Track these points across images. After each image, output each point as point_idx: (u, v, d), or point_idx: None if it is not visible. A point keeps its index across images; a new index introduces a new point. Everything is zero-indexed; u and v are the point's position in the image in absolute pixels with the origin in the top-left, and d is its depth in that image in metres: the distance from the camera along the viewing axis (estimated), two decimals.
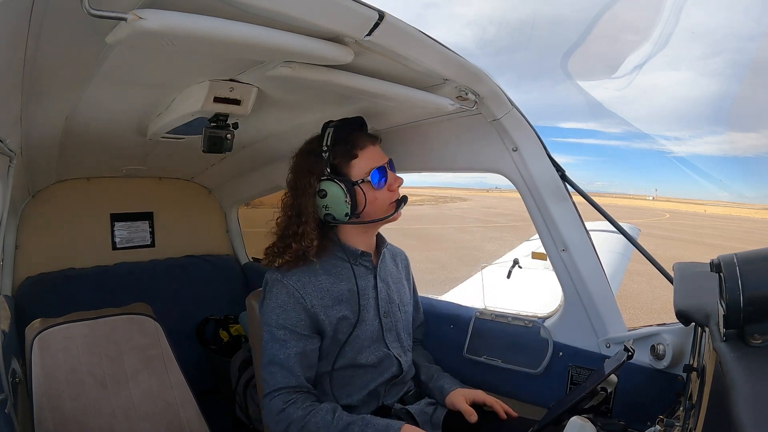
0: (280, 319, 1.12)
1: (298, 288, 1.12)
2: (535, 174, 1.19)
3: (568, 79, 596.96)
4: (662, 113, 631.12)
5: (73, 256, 1.93)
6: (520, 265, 1.85)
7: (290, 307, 1.12)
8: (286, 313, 1.12)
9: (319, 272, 1.15)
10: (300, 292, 1.12)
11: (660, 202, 69.35)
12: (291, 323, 1.11)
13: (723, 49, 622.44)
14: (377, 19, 0.73)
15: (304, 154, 1.18)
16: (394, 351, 1.22)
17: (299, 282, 1.13)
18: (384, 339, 1.22)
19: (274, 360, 1.11)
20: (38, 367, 1.32)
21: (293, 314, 1.11)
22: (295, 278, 1.13)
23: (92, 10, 0.54)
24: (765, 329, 0.57)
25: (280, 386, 1.10)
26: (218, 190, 2.34)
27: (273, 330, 1.12)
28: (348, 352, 1.16)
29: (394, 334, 1.24)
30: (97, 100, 1.07)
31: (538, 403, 1.30)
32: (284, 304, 1.12)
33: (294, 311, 1.11)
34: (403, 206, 1.20)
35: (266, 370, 1.13)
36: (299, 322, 1.12)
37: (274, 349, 1.12)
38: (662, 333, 1.13)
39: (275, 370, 1.11)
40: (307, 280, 1.14)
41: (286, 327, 1.11)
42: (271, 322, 1.13)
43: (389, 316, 1.23)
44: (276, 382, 1.11)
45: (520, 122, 1.17)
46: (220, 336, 2.08)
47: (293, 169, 1.19)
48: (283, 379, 1.10)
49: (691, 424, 0.72)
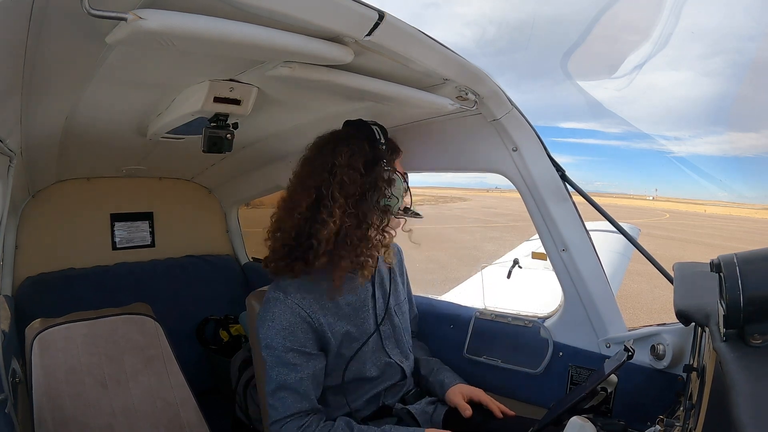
0: (287, 342, 1.04)
1: (303, 306, 1.06)
2: (535, 174, 1.19)
3: (568, 79, 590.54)
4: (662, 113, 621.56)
5: (73, 256, 1.93)
6: (520, 265, 1.85)
7: (297, 328, 1.05)
8: (294, 335, 1.05)
9: (321, 287, 1.09)
10: (306, 311, 1.06)
11: (660, 202, 69.36)
12: (299, 344, 1.05)
13: (723, 49, 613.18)
14: (377, 19, 0.73)
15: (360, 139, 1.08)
16: (395, 358, 1.21)
17: (304, 300, 1.07)
18: (384, 348, 1.20)
19: (284, 385, 1.04)
20: (38, 367, 1.32)
21: (301, 335, 1.05)
22: (299, 296, 1.07)
23: (92, 10, 0.54)
24: (765, 329, 0.57)
25: (293, 412, 1.04)
26: (218, 190, 2.34)
27: (280, 354, 1.04)
28: (353, 367, 1.13)
29: (393, 341, 1.22)
30: (97, 100, 1.07)
31: (538, 403, 1.30)
32: (290, 326, 1.05)
33: (301, 331, 1.05)
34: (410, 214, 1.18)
35: (275, 396, 1.05)
36: (307, 341, 1.06)
37: (283, 373, 1.04)
38: (662, 333, 1.13)
39: (286, 395, 1.04)
40: (312, 298, 1.08)
41: (295, 349, 1.05)
42: (277, 346, 1.05)
43: (387, 324, 1.21)
44: (287, 408, 1.04)
45: (520, 122, 1.17)
46: (220, 336, 2.07)
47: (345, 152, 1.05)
48: (296, 404, 1.04)
49: (691, 424, 0.72)
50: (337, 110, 1.26)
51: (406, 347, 1.26)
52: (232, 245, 2.43)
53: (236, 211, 2.39)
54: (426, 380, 1.31)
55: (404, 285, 1.36)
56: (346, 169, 1.04)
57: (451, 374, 1.30)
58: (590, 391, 0.97)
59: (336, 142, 1.08)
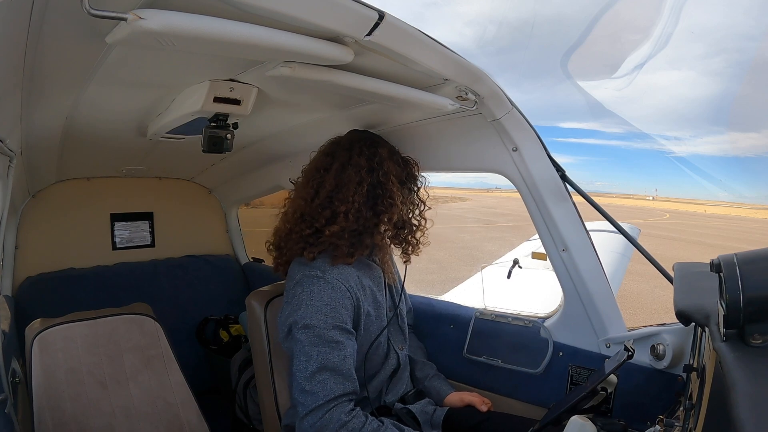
0: (329, 318, 1.02)
1: (342, 281, 1.08)
2: (535, 174, 1.19)
3: (569, 79, 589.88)
4: (662, 113, 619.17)
5: (73, 256, 1.93)
6: (520, 265, 1.85)
7: (339, 303, 1.04)
8: (336, 311, 1.03)
9: (352, 266, 1.14)
10: (345, 285, 1.07)
11: (660, 202, 69.37)
12: (341, 320, 1.04)
13: (723, 49, 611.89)
14: (377, 19, 0.73)
15: (393, 152, 1.22)
16: (395, 345, 1.25)
17: (341, 275, 1.08)
18: (388, 335, 1.23)
19: (326, 365, 1.00)
20: (38, 367, 1.32)
21: (343, 311, 1.04)
22: (336, 272, 1.08)
23: (92, 10, 0.54)
24: (765, 329, 0.57)
25: (337, 394, 0.99)
26: (218, 190, 2.34)
27: (322, 332, 1.01)
28: (371, 353, 1.16)
29: (397, 326, 1.26)
30: (97, 100, 1.07)
31: (538, 403, 1.30)
32: (332, 302, 1.04)
33: (343, 307, 1.05)
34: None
35: (314, 380, 1.00)
36: (348, 318, 1.06)
37: (324, 352, 1.00)
38: (662, 333, 1.13)
39: (326, 377, 1.00)
40: (348, 273, 1.10)
41: (337, 326, 1.03)
42: (319, 324, 1.02)
43: (393, 310, 1.25)
44: (329, 390, 0.99)
45: (520, 122, 1.17)
46: (220, 336, 2.07)
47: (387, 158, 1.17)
48: (338, 386, 1.00)
49: (691, 424, 0.72)
50: (337, 111, 1.26)
51: (405, 335, 1.31)
52: (232, 245, 2.43)
53: (236, 211, 2.39)
54: (420, 382, 1.34)
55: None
56: (387, 162, 1.16)
57: (445, 383, 1.35)
58: (590, 391, 0.97)
59: (361, 142, 1.18)
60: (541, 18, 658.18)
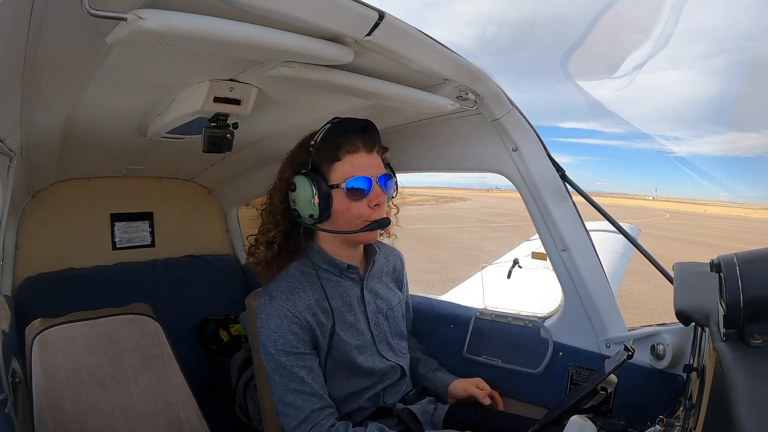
0: (278, 344, 1.05)
1: (288, 307, 1.07)
2: (535, 174, 1.19)
3: (569, 79, 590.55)
4: (662, 113, 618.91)
5: (73, 256, 1.93)
6: (520, 265, 1.85)
7: (286, 329, 1.06)
8: (284, 337, 1.05)
9: (305, 286, 1.11)
10: (292, 311, 1.07)
11: (660, 202, 69.36)
12: (291, 346, 1.06)
13: (723, 49, 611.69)
14: (377, 18, 0.73)
15: (297, 146, 1.17)
16: (391, 360, 1.21)
17: (288, 301, 1.08)
18: (378, 349, 1.19)
19: (289, 387, 1.05)
20: (38, 367, 1.32)
21: (290, 336, 1.06)
22: (284, 297, 1.08)
23: (92, 10, 0.54)
24: (765, 329, 0.57)
25: (307, 413, 1.04)
26: (218, 190, 2.34)
27: (276, 357, 1.06)
28: (349, 367, 1.14)
29: (385, 343, 1.22)
30: (97, 100, 1.07)
31: (538, 403, 1.30)
32: (278, 328, 1.06)
33: (291, 333, 1.06)
34: (378, 229, 1.12)
35: (284, 400, 1.05)
36: (300, 342, 1.06)
37: (285, 376, 1.05)
38: (662, 333, 1.13)
39: (293, 398, 1.04)
40: (296, 298, 1.09)
41: (288, 352, 1.05)
42: (272, 350, 1.06)
43: (378, 327, 1.20)
44: (299, 410, 1.04)
45: (520, 122, 1.17)
46: (220, 336, 2.07)
47: (283, 160, 1.19)
48: (306, 404, 1.04)
49: (691, 424, 0.72)
50: (337, 110, 1.26)
51: (398, 349, 1.25)
52: (232, 245, 2.43)
53: (236, 211, 2.39)
54: (424, 377, 1.33)
55: (402, 290, 1.35)
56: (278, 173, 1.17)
57: (449, 374, 1.34)
58: (590, 391, 0.97)
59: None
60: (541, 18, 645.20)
